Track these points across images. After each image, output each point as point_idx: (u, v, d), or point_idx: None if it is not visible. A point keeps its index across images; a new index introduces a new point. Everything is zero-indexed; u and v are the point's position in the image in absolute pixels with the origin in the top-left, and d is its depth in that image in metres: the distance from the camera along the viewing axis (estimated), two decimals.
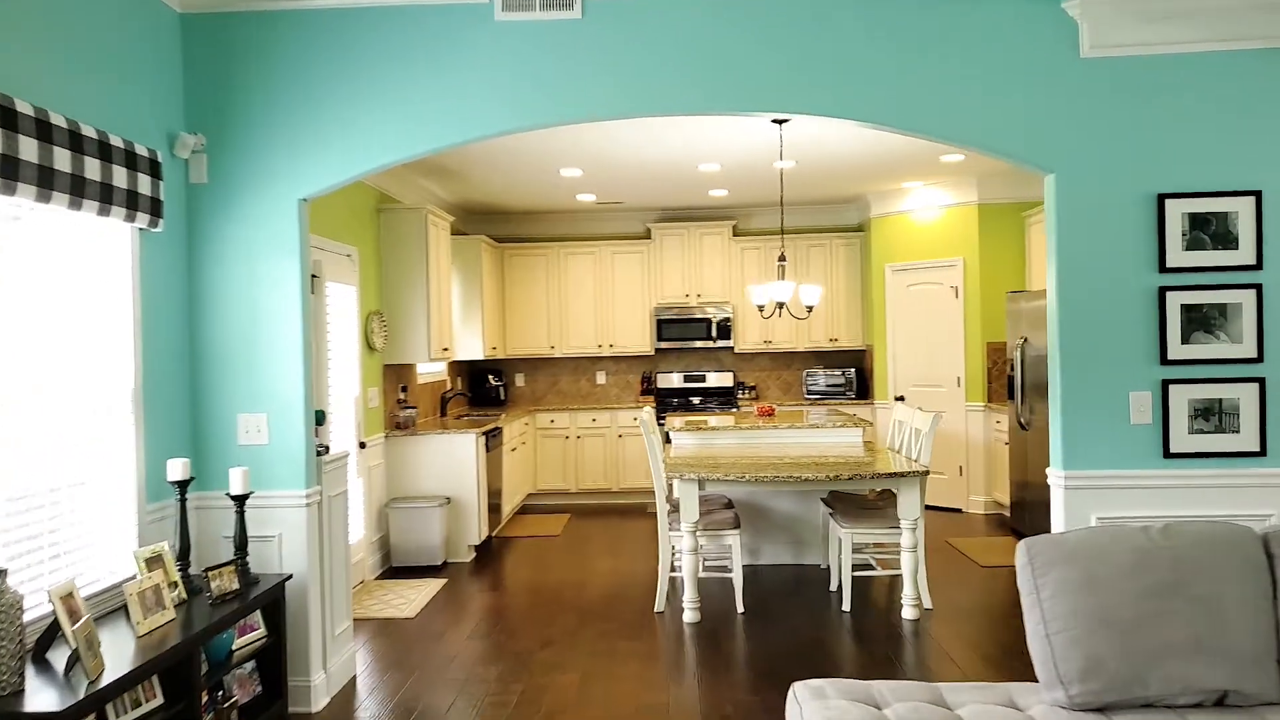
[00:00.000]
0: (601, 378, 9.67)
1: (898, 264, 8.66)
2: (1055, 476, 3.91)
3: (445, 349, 7.33)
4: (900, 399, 8.64)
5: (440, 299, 7.20)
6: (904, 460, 5.42)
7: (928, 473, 5.10)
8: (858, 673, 4.36)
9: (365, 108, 3.96)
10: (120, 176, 3.31)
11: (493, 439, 7.29)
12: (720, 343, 9.21)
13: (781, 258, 5.82)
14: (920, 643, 4.79)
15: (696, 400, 9.24)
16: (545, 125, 3.99)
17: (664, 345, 9.23)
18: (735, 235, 9.42)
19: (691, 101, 3.91)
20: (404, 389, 7.18)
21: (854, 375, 9.12)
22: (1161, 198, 3.78)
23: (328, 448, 4.28)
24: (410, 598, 5.81)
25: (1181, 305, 3.77)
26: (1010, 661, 4.48)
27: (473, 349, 8.49)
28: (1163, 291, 3.78)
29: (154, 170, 3.57)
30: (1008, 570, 6.13)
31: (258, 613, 3.74)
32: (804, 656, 4.60)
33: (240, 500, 3.74)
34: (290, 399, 4.01)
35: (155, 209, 3.58)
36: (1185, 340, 3.77)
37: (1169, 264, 3.78)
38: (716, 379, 9.50)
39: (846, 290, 9.27)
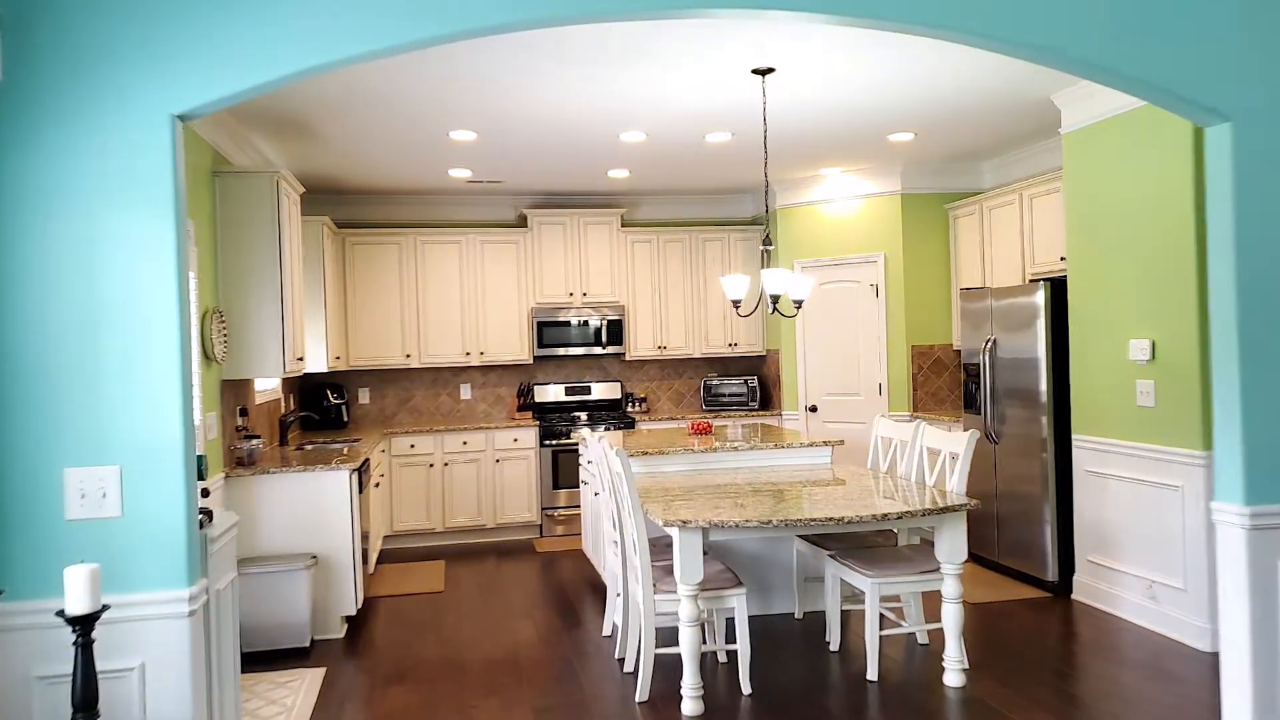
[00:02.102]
0: (466, 391, 8.17)
1: (808, 260, 7.79)
2: (1230, 513, 3.00)
3: (300, 359, 5.66)
4: (813, 409, 7.76)
5: (295, 294, 5.53)
6: (931, 492, 4.45)
7: (974, 505, 4.14)
8: None
9: None
10: None
11: (364, 475, 5.70)
12: (610, 349, 7.98)
13: (767, 240, 4.69)
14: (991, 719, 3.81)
15: (583, 416, 7.96)
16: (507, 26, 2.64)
17: (544, 352, 7.88)
18: (623, 226, 8.23)
19: None
20: (243, 412, 5.45)
21: (757, 384, 8.16)
22: None
23: (210, 513, 2.71)
24: (284, 703, 4.19)
25: None
26: (1099, 705, 3.58)
27: (315, 359, 6.81)
28: None
29: None
30: (1006, 605, 5.32)
31: None
32: None
33: (83, 624, 2.16)
34: (160, 439, 2.44)
35: None
36: None
37: None
38: (603, 390, 8.26)
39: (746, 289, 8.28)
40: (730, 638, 4.75)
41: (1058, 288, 5.54)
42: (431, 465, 7.48)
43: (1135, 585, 5.00)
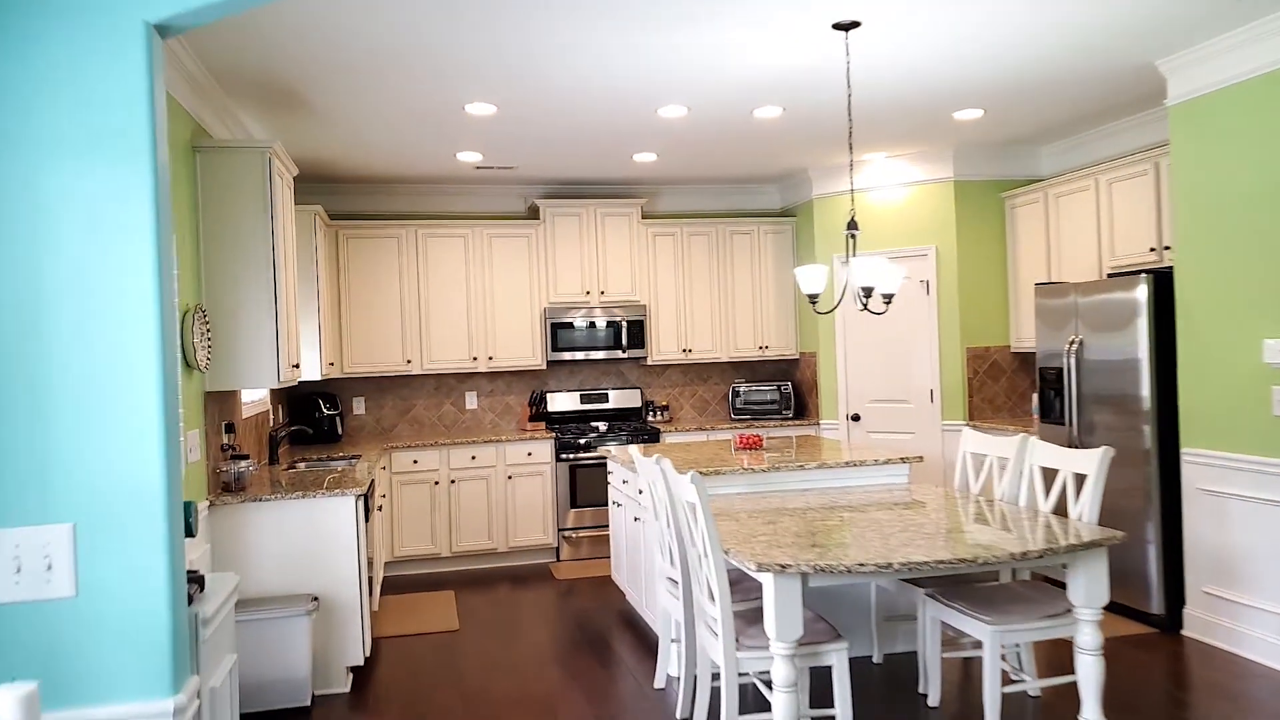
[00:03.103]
0: (472, 400, 7.42)
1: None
2: None
3: (296, 366, 4.90)
4: (855, 418, 7.08)
5: (289, 291, 4.78)
6: (1068, 524, 3.77)
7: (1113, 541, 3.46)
8: None
9: None
10: None
11: (369, 499, 4.96)
12: (630, 352, 7.26)
13: (852, 224, 3.99)
14: None
15: (601, 426, 7.23)
16: None
17: (558, 356, 7.15)
18: (644, 218, 7.52)
19: None
20: (229, 429, 4.70)
21: (791, 390, 7.47)
22: None
23: (200, 578, 1.98)
24: None
25: None
26: None
27: (308, 366, 6.05)
28: None
29: None
30: (1108, 643, 4.65)
31: None
32: None
33: None
34: (131, 483, 1.72)
35: None
36: None
37: None
38: (621, 398, 7.54)
39: (777, 287, 7.62)
40: (819, 696, 4.04)
41: (1160, 282, 4.89)
42: (436, 483, 6.72)
43: (1265, 621, 4.35)
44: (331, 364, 6.54)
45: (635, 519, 5.06)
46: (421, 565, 6.78)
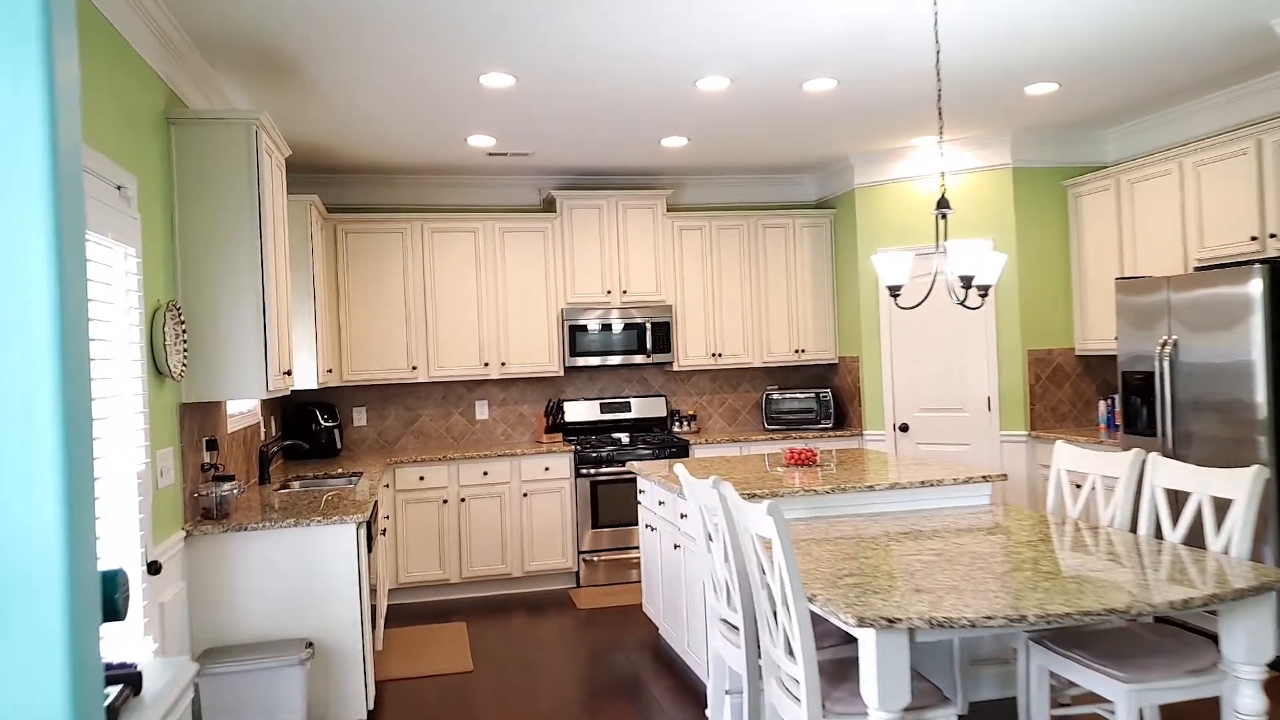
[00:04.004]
0: (483, 410, 6.81)
1: (895, 248, 6.51)
2: None
3: (288, 373, 4.29)
4: (904, 428, 6.47)
5: (280, 287, 4.17)
6: (1189, 555, 3.16)
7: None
8: None
9: None
10: None
11: (372, 525, 4.35)
12: (655, 357, 6.65)
13: (943, 202, 3.39)
14: None
15: (624, 438, 6.61)
16: None
17: (578, 362, 6.54)
18: (669, 211, 6.92)
19: None
20: (211, 445, 4.08)
21: (830, 398, 6.86)
22: None
23: (134, 679, 1.37)
24: None
25: None
26: None
27: (304, 373, 5.44)
28: None
29: None
30: None
31: None
32: None
33: None
34: (8, 549, 1.10)
35: None
36: None
37: None
38: (644, 407, 6.93)
39: (813, 285, 7.02)
40: None
41: (1276, 274, 4.29)
42: (445, 501, 6.11)
43: None
44: (329, 371, 5.93)
45: (675, 546, 4.45)
46: (429, 592, 6.16)
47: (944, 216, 3.35)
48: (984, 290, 3.41)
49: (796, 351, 6.95)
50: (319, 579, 3.77)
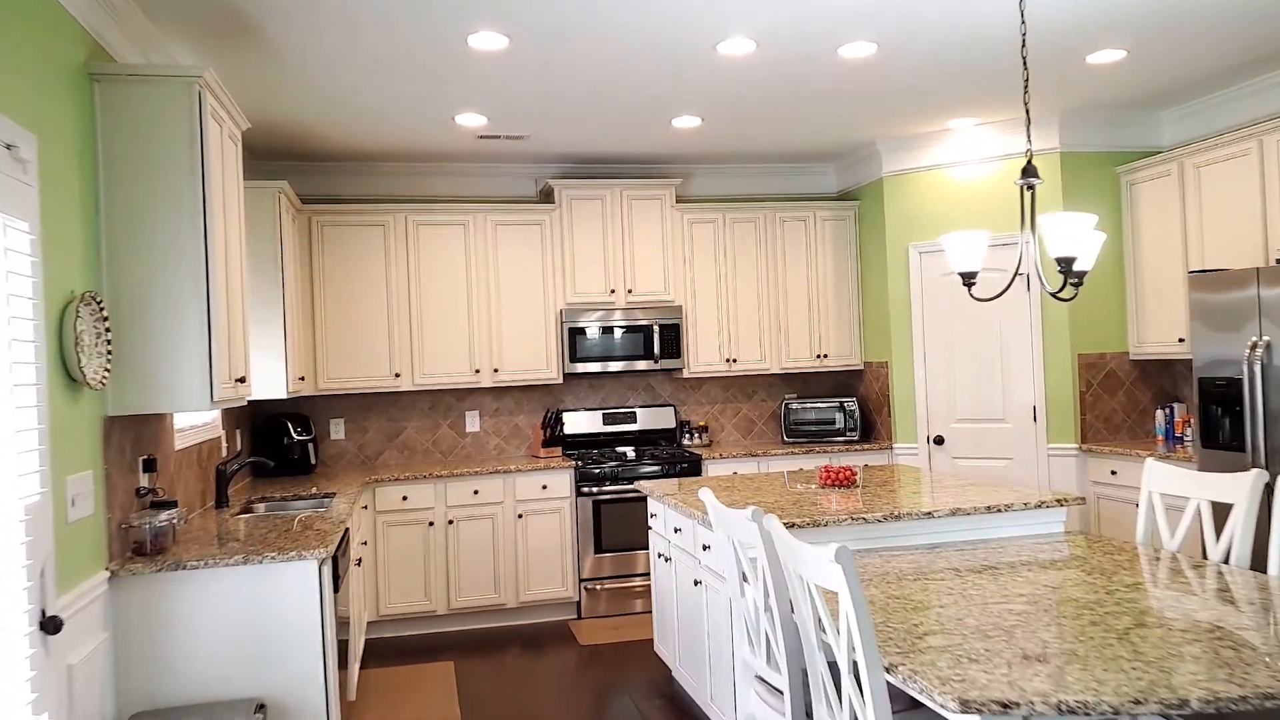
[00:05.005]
0: (474, 421, 6.18)
1: (927, 242, 5.91)
2: None
3: (241, 379, 3.66)
4: (939, 440, 5.86)
5: (230, 277, 3.55)
6: None
7: None
8: None
9: None
10: None
11: (340, 559, 3.72)
12: (663, 363, 6.04)
13: (1029, 169, 2.79)
14: None
15: (630, 452, 5.99)
16: None
17: (578, 368, 5.92)
18: (677, 202, 6.32)
19: None
20: (149, 464, 3.45)
21: (856, 408, 6.24)
22: None
23: None
24: None
25: None
26: None
27: (272, 382, 4.82)
28: None
29: None
30: None
31: None
32: None
33: None
34: None
35: None
36: None
37: None
38: (651, 418, 6.31)
39: (836, 284, 6.41)
40: None
41: None
42: (431, 524, 5.48)
43: None
44: (302, 379, 5.30)
45: (696, 582, 3.82)
46: (413, 625, 5.52)
47: (1030, 188, 2.74)
48: (1080, 278, 2.80)
49: (818, 356, 6.33)
50: (274, 626, 3.14)
